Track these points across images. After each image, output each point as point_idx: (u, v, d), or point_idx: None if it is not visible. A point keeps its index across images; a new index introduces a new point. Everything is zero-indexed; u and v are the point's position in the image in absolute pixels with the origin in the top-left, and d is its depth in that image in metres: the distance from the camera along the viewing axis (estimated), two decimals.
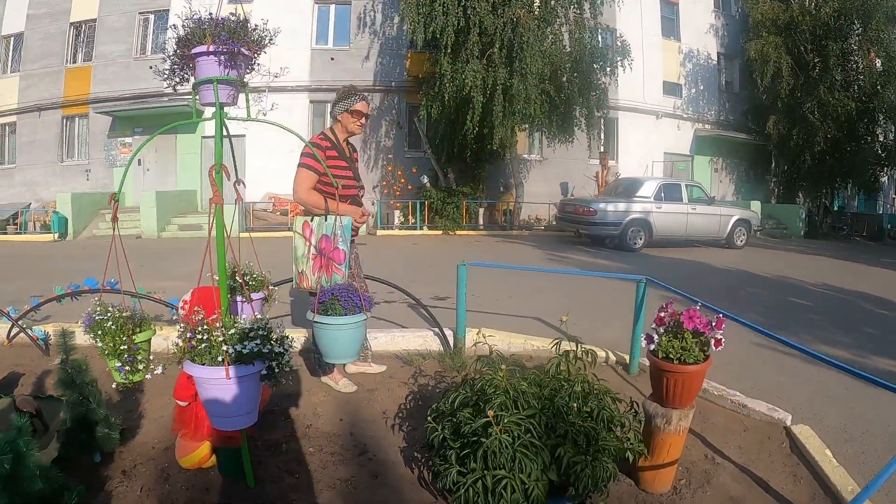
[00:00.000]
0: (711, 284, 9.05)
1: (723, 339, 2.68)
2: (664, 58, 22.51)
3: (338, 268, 3.37)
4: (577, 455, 2.41)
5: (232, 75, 2.33)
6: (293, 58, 19.88)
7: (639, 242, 13.42)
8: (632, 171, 20.43)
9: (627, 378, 4.45)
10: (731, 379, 4.47)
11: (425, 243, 14.95)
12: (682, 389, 2.73)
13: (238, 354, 2.11)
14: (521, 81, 14.59)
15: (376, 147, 20.36)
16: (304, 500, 2.62)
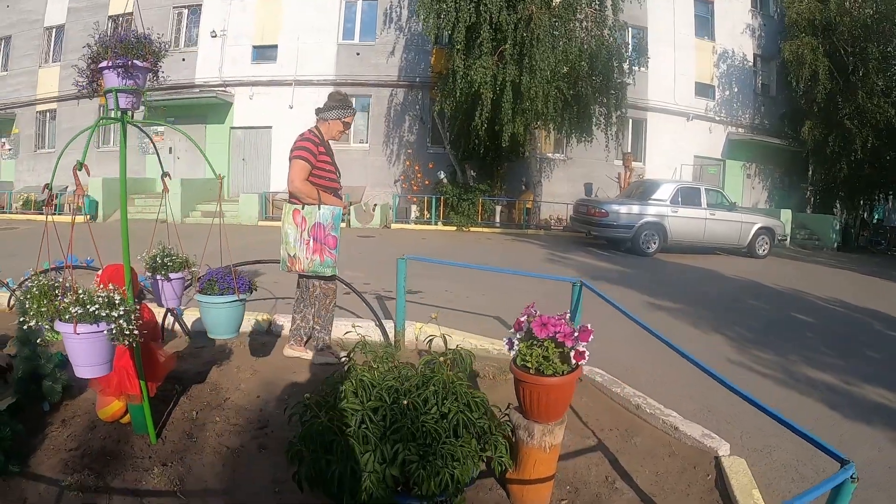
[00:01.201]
0: (713, 293, 8.41)
1: (586, 353, 2.40)
2: (697, 58, 21.32)
3: (331, 252, 3.82)
4: (416, 455, 2.25)
5: (129, 85, 2.60)
6: (319, 53, 19.79)
7: (652, 247, 12.65)
8: (659, 173, 19.47)
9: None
10: (681, 398, 4.05)
11: (434, 238, 14.54)
12: (542, 402, 2.46)
13: (84, 314, 2.40)
14: (531, 78, 13.93)
15: (399, 142, 20.01)
16: (188, 460, 2.84)
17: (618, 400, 3.80)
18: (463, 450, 2.29)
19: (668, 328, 6.09)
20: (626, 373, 4.38)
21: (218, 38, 20.36)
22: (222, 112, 20.63)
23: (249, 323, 4.81)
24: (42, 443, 2.90)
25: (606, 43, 15.37)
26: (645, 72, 19.89)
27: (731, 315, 6.87)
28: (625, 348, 5.09)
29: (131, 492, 2.59)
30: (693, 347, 5.27)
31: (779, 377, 4.75)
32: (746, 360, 5.11)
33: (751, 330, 6.24)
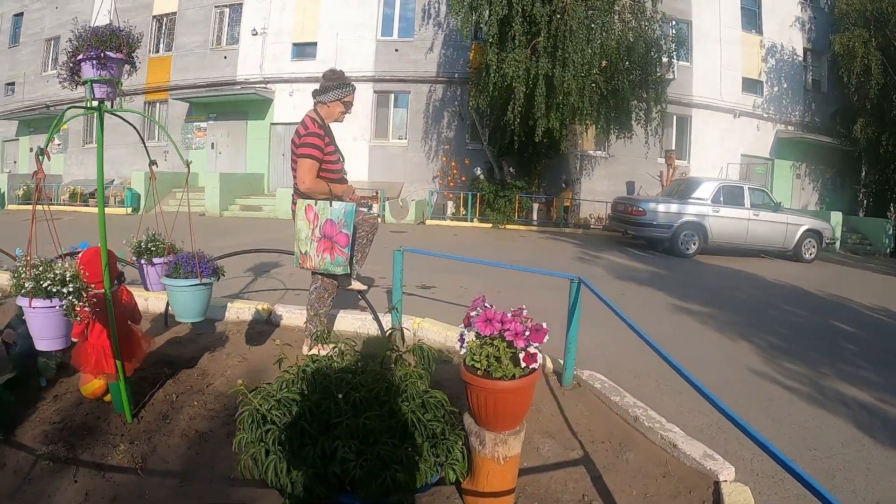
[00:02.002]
0: (747, 298, 7.99)
1: (538, 355, 2.17)
2: (744, 52, 20.42)
3: (341, 250, 3.70)
4: (353, 454, 2.16)
5: (104, 76, 2.72)
6: (359, 49, 19.86)
7: (691, 248, 12.18)
8: (704, 172, 18.73)
9: (556, 390, 3.83)
10: (690, 410, 3.77)
11: (466, 235, 14.38)
12: (491, 409, 2.21)
13: (36, 290, 2.60)
14: (564, 72, 13.57)
15: (437, 138, 19.95)
16: (155, 440, 2.92)
17: (615, 409, 3.54)
18: (407, 452, 2.17)
19: (691, 333, 5.87)
20: (632, 379, 4.16)
21: (259, 36, 20.74)
22: (263, 108, 20.96)
23: (250, 312, 4.93)
24: (31, 415, 3.12)
25: (645, 35, 14.82)
26: (690, 66, 19.36)
27: (764, 321, 6.49)
28: (635, 353, 4.81)
29: (96, 465, 2.70)
30: (714, 355, 5.13)
31: (805, 391, 4.37)
32: (771, 371, 4.74)
33: (782, 338, 5.85)
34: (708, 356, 5.06)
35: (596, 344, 4.88)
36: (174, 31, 21.93)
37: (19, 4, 25.07)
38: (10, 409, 3.04)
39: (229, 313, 5.02)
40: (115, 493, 2.51)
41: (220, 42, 21.54)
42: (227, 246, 9.34)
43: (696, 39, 19.50)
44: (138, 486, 2.56)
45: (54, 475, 2.62)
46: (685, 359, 4.69)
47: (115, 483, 2.58)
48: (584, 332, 4.92)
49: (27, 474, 2.62)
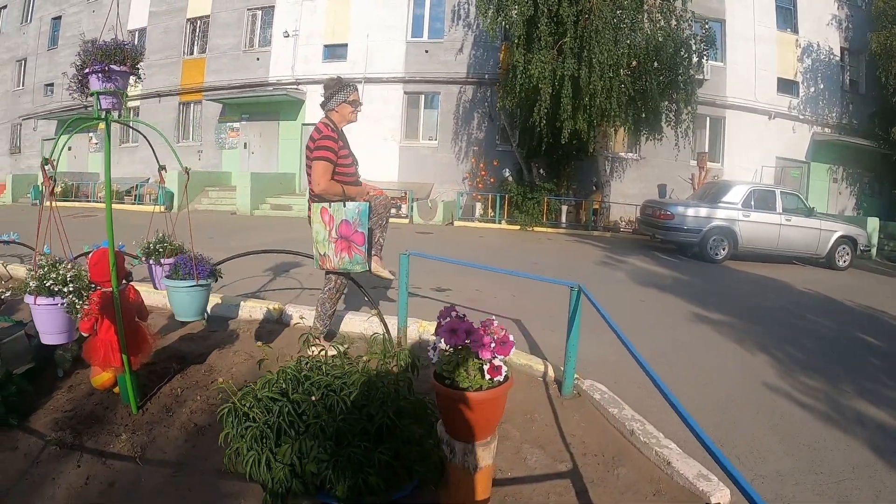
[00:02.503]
0: (773, 306, 7.80)
1: (503, 368, 2.15)
2: (779, 52, 19.97)
3: (358, 248, 3.80)
4: (326, 454, 2.24)
5: (108, 87, 2.90)
6: (389, 50, 20.00)
7: (721, 253, 11.98)
8: (738, 175, 18.39)
9: (555, 399, 3.80)
10: (691, 414, 3.54)
11: (492, 237, 14.37)
12: (457, 418, 2.22)
13: (39, 289, 2.98)
14: (590, 72, 13.46)
15: (468, 139, 20.02)
16: (155, 431, 3.06)
17: (613, 422, 3.46)
18: (380, 456, 2.21)
19: (707, 342, 5.77)
20: (636, 390, 4.07)
21: (290, 38, 21.07)
22: (294, 109, 21.30)
23: (262, 311, 5.10)
24: (46, 403, 3.31)
25: (674, 35, 14.55)
26: (723, 67, 19.07)
27: (786, 332, 6.31)
28: (649, 361, 4.72)
29: (98, 452, 2.86)
30: (728, 366, 5.06)
31: (820, 409, 4.18)
32: (786, 386, 4.58)
33: (803, 351, 5.67)
34: (721, 367, 4.98)
35: (603, 353, 4.83)
36: (208, 34, 22.43)
37: (58, 8, 25.90)
38: (27, 398, 3.24)
39: (242, 312, 5.17)
40: (113, 478, 2.66)
41: (253, 44, 21.97)
42: (248, 245, 9.72)
43: (729, 39, 19.23)
44: (135, 474, 2.70)
45: (60, 460, 2.78)
46: (697, 369, 4.74)
47: (115, 470, 2.73)
48: (592, 340, 4.98)
49: (36, 458, 2.79)
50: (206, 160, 22.57)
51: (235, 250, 8.31)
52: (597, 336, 5.17)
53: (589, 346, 4.88)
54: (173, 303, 3.62)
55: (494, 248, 12.22)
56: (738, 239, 12.01)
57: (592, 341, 5.13)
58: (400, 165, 20.31)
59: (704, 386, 4.44)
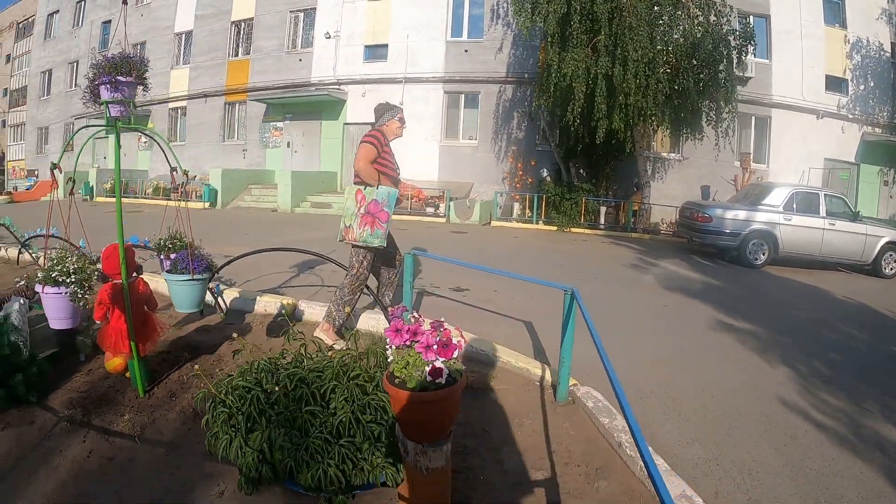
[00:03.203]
0: (805, 316, 7.54)
1: (444, 371, 2.11)
2: (827, 48, 19.21)
3: (381, 224, 4.30)
4: (289, 443, 2.39)
5: (117, 97, 3.12)
6: (429, 50, 20.11)
7: (760, 258, 11.69)
8: (784, 177, 17.88)
9: (549, 405, 3.76)
10: (689, 440, 3.53)
11: (526, 238, 14.37)
12: (405, 418, 2.23)
13: (46, 279, 3.44)
14: (625, 70, 13.26)
15: (507, 139, 20.03)
16: (156, 414, 3.27)
17: (603, 431, 3.35)
18: (340, 449, 2.32)
19: (725, 352, 5.61)
20: (636, 399, 3.99)
21: (332, 39, 21.37)
22: (336, 109, 21.64)
23: (275, 306, 5.29)
24: (65, 384, 3.60)
25: (713, 31, 14.11)
26: (769, 64, 18.52)
27: (815, 344, 6.07)
28: (647, 371, 4.73)
29: (103, 430, 3.09)
30: (744, 379, 4.89)
31: (837, 431, 3.89)
32: (804, 403, 4.32)
33: (829, 365, 5.41)
34: (735, 378, 4.82)
35: (612, 359, 4.67)
36: (252, 36, 23.03)
37: (107, 13, 27.01)
38: (48, 378, 3.57)
39: (258, 306, 5.44)
40: (113, 454, 2.89)
41: (296, 45, 22.42)
42: (279, 241, 10.50)
43: (775, 35, 18.66)
44: (133, 451, 2.91)
45: (69, 434, 3.04)
46: (706, 379, 4.71)
47: (115, 446, 2.96)
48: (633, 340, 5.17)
49: (49, 432, 3.07)
50: (250, 158, 23.12)
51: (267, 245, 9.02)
52: (605, 340, 5.27)
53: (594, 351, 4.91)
54: (171, 295, 3.89)
55: (524, 249, 12.24)
56: (779, 243, 11.69)
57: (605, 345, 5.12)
58: (440, 165, 20.45)
59: (711, 397, 4.32)
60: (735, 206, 12.28)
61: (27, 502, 2.53)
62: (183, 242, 4.19)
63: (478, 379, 4.05)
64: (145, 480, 2.69)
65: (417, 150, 19.93)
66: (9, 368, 3.31)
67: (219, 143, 23.77)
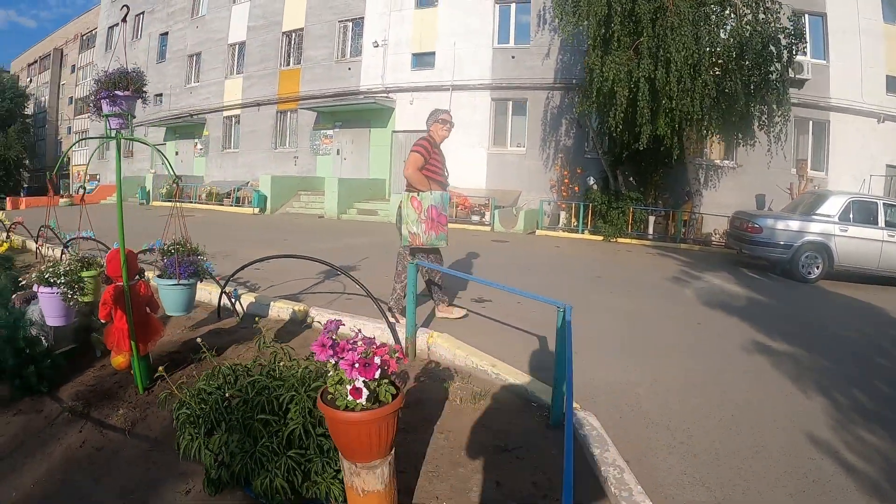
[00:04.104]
0: (853, 339, 6.95)
1: (363, 391, 2.07)
2: (888, 47, 17.93)
3: (444, 227, 4.92)
4: (239, 449, 2.45)
5: (115, 111, 3.35)
6: (476, 57, 20.06)
7: (814, 272, 11.09)
8: (844, 184, 16.92)
9: (540, 430, 3.54)
10: (691, 481, 3.20)
11: (569, 248, 14.09)
12: (336, 437, 2.20)
13: (40, 279, 3.80)
14: (667, 73, 12.77)
15: (556, 146, 19.76)
16: (148, 411, 3.43)
17: (591, 463, 3.14)
18: (286, 460, 2.34)
19: (756, 377, 5.16)
20: (642, 429, 3.72)
21: (380, 48, 21.55)
22: (385, 117, 21.83)
23: (288, 312, 5.52)
24: (76, 377, 3.91)
25: (761, 29, 13.39)
26: (826, 65, 17.58)
27: (860, 372, 5.48)
28: (663, 399, 4.34)
29: (98, 422, 3.30)
30: (771, 408, 4.44)
31: (870, 475, 3.40)
32: (837, 440, 3.80)
33: (875, 397, 4.82)
34: (762, 408, 4.37)
35: (626, 381, 4.55)
36: (302, 46, 23.48)
37: (165, 25, 28.08)
38: (63, 371, 3.90)
39: (272, 311, 5.63)
40: (103, 445, 3.08)
41: (345, 54, 22.77)
42: (314, 248, 10.82)
43: (832, 34, 17.68)
44: (120, 444, 3.08)
45: (69, 424, 3.28)
46: (730, 407, 4.31)
47: (107, 438, 3.14)
48: (617, 364, 4.93)
49: (52, 420, 3.33)
50: (301, 165, 23.56)
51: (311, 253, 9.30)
52: (624, 361, 5.07)
53: (613, 370, 4.79)
54: (161, 298, 4.04)
55: (562, 259, 11.99)
56: (834, 256, 11.05)
57: (622, 364, 4.99)
58: (488, 172, 20.35)
59: (730, 429, 3.89)
60: (787, 217, 11.72)
61: (18, 481, 2.77)
62: (186, 248, 4.32)
63: (465, 395, 3.90)
64: (124, 472, 2.84)
65: (465, 157, 19.87)
66: (24, 361, 3.63)
67: (271, 150, 24.34)
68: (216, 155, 26.38)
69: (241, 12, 25.38)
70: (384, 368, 2.10)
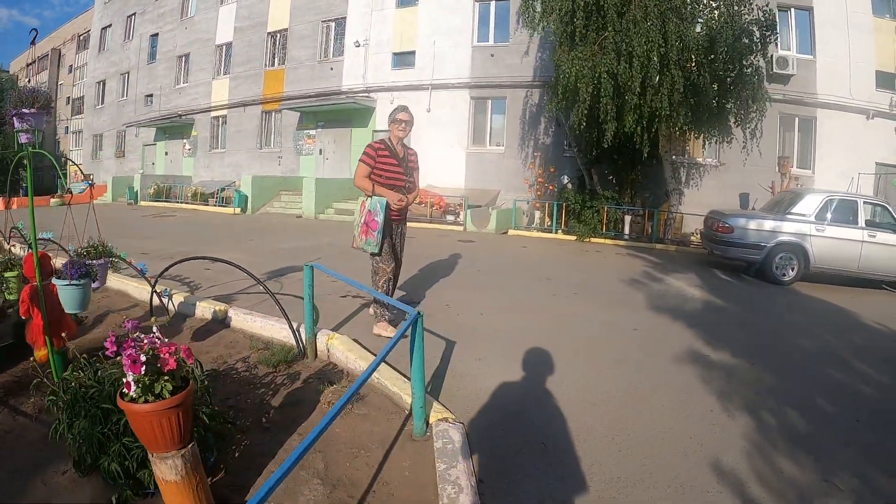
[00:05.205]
0: (809, 347, 5.94)
1: (132, 384, 2.14)
2: (877, 42, 16.66)
3: (372, 233, 4.75)
4: (89, 432, 2.53)
5: (24, 127, 3.46)
6: (455, 56, 19.25)
7: (789, 274, 9.99)
8: (830, 183, 15.65)
9: (403, 439, 3.26)
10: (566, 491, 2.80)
11: (536, 248, 13.02)
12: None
13: None
14: (629, 68, 11.72)
15: (535, 144, 18.76)
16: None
17: (438, 478, 2.76)
18: (121, 448, 2.45)
19: (678, 392, 4.32)
20: (532, 455, 3.16)
21: (361, 48, 20.87)
22: (366, 116, 21.10)
23: (210, 312, 5.48)
24: (9, 369, 4.02)
25: (732, 22, 12.22)
26: (813, 60, 16.44)
27: (807, 388, 4.55)
28: (580, 412, 3.79)
29: (14, 409, 3.45)
30: (684, 429, 3.71)
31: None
32: (748, 470, 3.14)
33: (814, 419, 3.92)
34: (670, 430, 3.63)
35: (521, 391, 4.10)
36: (286, 46, 22.72)
37: (155, 26, 27.46)
38: None
39: (197, 311, 5.63)
40: (12, 428, 3.21)
41: (327, 54, 22.07)
42: (277, 248, 10.65)
43: (818, 28, 16.50)
44: (27, 429, 3.17)
45: None
46: (634, 425, 3.69)
47: (18, 423, 3.26)
48: (519, 372, 4.46)
49: None
50: (285, 165, 22.83)
51: (266, 252, 9.78)
52: (534, 366, 4.64)
53: (512, 378, 4.33)
54: (60, 297, 3.97)
55: (523, 260, 10.96)
56: (810, 257, 9.96)
57: (525, 372, 4.49)
58: (467, 172, 19.42)
59: (621, 451, 3.27)
60: (760, 216, 10.60)
61: None
62: (98, 250, 4.34)
63: (335, 399, 3.62)
64: (23, 453, 2.93)
65: (444, 156, 19.21)
66: None
67: (256, 150, 23.62)
68: (204, 155, 25.66)
69: (229, 13, 24.68)
70: (158, 366, 2.17)
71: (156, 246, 10.13)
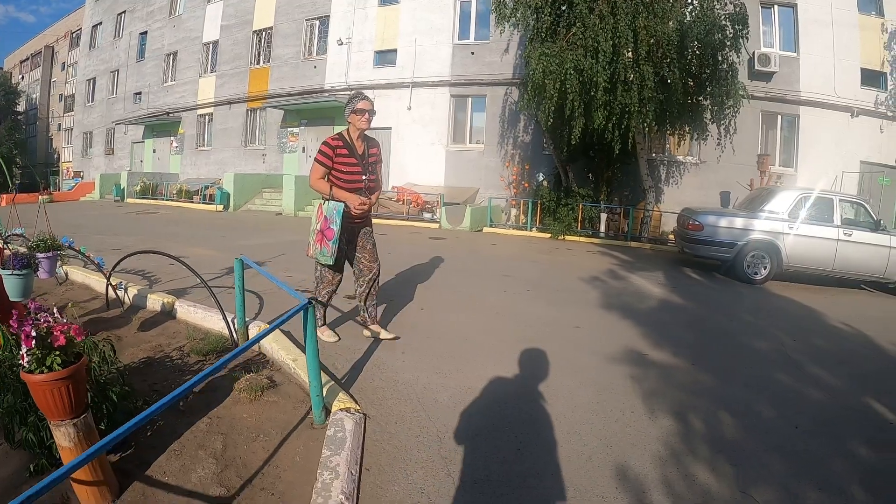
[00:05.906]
0: (761, 347, 5.42)
1: (25, 356, 2.21)
2: (862, 38, 16.03)
3: (327, 242, 4.21)
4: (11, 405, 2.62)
5: None
6: (436, 53, 18.80)
7: (761, 273, 9.40)
8: (814, 181, 14.73)
9: (304, 426, 3.18)
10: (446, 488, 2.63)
11: (507, 246, 12.41)
12: None
13: None
14: (595, 62, 11.11)
15: (514, 142, 18.16)
16: None
17: (318, 464, 2.75)
18: (36, 419, 2.54)
19: (598, 394, 3.88)
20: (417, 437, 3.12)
21: (344, 46, 20.37)
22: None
23: (158, 304, 5.39)
24: None
25: (704, 15, 11.56)
26: (796, 57, 15.84)
27: (746, 393, 4.05)
28: (477, 406, 3.56)
29: None
30: (596, 432, 3.28)
31: None
32: (654, 478, 2.79)
33: (745, 424, 3.49)
34: (578, 431, 3.28)
35: (434, 385, 3.86)
36: (271, 44, 22.26)
37: (144, 24, 26.95)
38: None
39: (148, 303, 5.54)
40: None
41: (311, 53, 21.59)
42: (243, 244, 10.42)
43: (802, 25, 15.87)
44: None
45: None
46: (539, 424, 3.39)
47: None
48: (436, 366, 4.22)
49: None
50: (269, 163, 22.36)
51: (232, 249, 9.45)
52: (455, 360, 4.40)
53: (426, 372, 4.07)
54: (4, 285, 4.05)
55: (487, 258, 10.38)
56: (783, 256, 9.37)
57: (444, 367, 4.24)
58: (447, 169, 18.86)
59: (518, 450, 3.02)
60: (731, 213, 10.03)
61: None
62: (47, 244, 4.52)
63: (245, 386, 3.52)
64: None
65: (424, 154, 18.78)
66: None
67: (241, 148, 23.12)
68: (191, 153, 25.11)
69: (215, 11, 24.14)
70: (49, 341, 2.22)
71: (129, 242, 9.77)
